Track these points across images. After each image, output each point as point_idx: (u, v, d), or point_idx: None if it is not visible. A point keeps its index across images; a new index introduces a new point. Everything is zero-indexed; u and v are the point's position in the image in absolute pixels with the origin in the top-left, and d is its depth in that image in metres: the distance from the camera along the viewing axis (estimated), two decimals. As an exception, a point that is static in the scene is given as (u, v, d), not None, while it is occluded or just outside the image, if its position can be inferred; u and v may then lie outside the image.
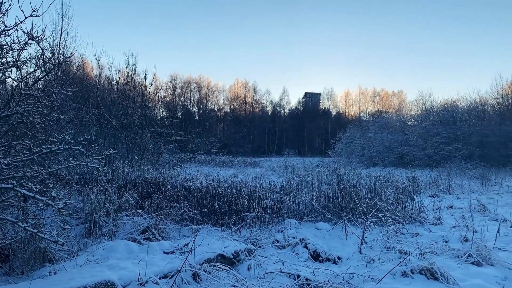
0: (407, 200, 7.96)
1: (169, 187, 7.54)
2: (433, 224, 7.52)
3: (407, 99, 75.03)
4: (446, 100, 34.97)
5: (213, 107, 78.60)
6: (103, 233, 5.70)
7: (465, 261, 4.99)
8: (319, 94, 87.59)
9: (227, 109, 79.36)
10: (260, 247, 5.65)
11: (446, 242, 6.03)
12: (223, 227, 6.63)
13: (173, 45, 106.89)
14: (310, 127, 76.10)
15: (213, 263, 4.35)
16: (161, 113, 63.01)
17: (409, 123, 34.48)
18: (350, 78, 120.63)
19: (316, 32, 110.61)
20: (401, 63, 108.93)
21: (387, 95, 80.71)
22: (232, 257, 4.77)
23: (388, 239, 5.99)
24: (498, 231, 6.38)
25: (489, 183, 14.84)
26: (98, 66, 20.44)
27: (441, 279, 4.24)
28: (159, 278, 4.00)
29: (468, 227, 6.72)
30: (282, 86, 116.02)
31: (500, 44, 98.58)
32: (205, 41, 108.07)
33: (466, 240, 5.97)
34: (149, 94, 17.46)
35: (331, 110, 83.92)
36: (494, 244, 5.97)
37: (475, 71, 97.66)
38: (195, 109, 76.69)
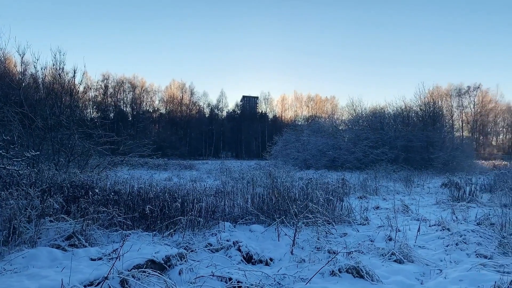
0: (337, 202, 8.25)
1: (97, 191, 7.19)
2: (360, 224, 7.86)
3: (339, 104, 78.24)
4: (375, 106, 37.00)
5: (148, 108, 76.69)
6: (24, 241, 5.30)
7: (389, 259, 5.27)
8: (257, 97, 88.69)
9: (163, 111, 77.79)
10: (192, 251, 5.56)
11: (372, 241, 6.33)
12: (154, 232, 6.45)
13: (105, 44, 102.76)
14: (247, 130, 76.76)
15: (143, 269, 4.20)
16: (91, 113, 60.22)
17: (340, 128, 35.97)
18: (286, 83, 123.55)
19: (253, 36, 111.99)
20: (334, 70, 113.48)
21: (321, 100, 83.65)
22: (163, 262, 4.64)
23: (318, 239, 6.16)
24: (418, 230, 6.83)
25: (412, 185, 15.84)
26: (22, 62, 19.04)
27: (366, 277, 4.43)
28: (84, 286, 3.79)
29: (392, 227, 7.10)
30: (220, 88, 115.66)
31: (423, 54, 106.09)
32: (139, 40, 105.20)
33: (390, 239, 6.31)
34: (78, 93, 16.57)
35: (268, 114, 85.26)
36: (415, 242, 6.37)
37: (401, 80, 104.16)
38: (129, 110, 74.30)
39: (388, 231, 6.87)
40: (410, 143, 29.83)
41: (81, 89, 17.18)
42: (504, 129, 76.17)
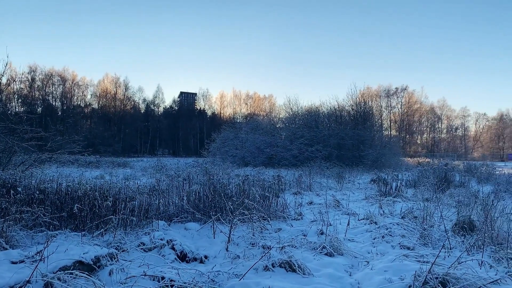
0: (272, 198, 8.40)
1: (20, 189, 6.72)
2: (295, 219, 8.07)
3: (277, 103, 79.66)
4: (310, 105, 38.09)
5: (79, 102, 72.98)
6: None
7: (320, 252, 5.46)
8: (195, 94, 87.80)
9: (95, 106, 74.43)
10: (124, 251, 5.38)
11: (305, 235, 6.52)
12: (84, 232, 6.15)
13: (33, 35, 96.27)
14: (185, 127, 75.70)
15: (70, 271, 3.99)
16: (16, 107, 56.19)
17: (278, 126, 36.68)
18: (225, 80, 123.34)
19: (191, 32, 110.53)
20: (272, 69, 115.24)
21: (259, 98, 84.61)
22: (92, 263, 4.44)
23: (253, 235, 6.23)
24: (348, 224, 7.15)
25: (344, 181, 16.53)
26: None
27: (298, 270, 4.56)
28: (3, 292, 3.53)
29: (324, 221, 7.36)
30: (156, 84, 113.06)
31: (356, 56, 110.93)
32: (71, 32, 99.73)
33: (322, 233, 6.53)
34: (0, 85, 15.38)
35: (206, 111, 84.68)
36: (345, 235, 6.66)
37: (335, 80, 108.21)
38: (58, 104, 70.26)
39: (320, 225, 7.11)
40: (342, 141, 31.11)
41: (3, 80, 15.97)
42: (427, 129, 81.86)
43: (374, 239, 6.46)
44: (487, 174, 18.90)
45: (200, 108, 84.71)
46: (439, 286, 3.72)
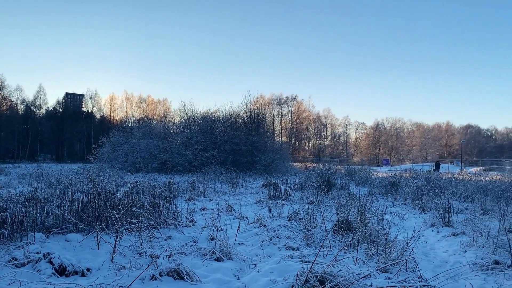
0: (163, 205, 8.21)
1: None
2: (186, 226, 7.97)
3: (172, 107, 78.27)
4: (206, 111, 38.17)
5: None
6: None
7: (210, 258, 5.47)
8: (82, 95, 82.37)
9: (-38, 105, 65.45)
10: (-10, 269, 4.79)
11: (195, 242, 6.48)
12: None
13: None
14: (71, 130, 70.41)
15: None
16: None
17: (172, 131, 36.03)
18: (116, 83, 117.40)
19: (78, 32, 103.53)
20: (167, 72, 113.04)
21: (153, 102, 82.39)
22: None
23: (141, 244, 6.01)
24: (238, 228, 7.29)
25: (237, 186, 16.85)
26: None
27: (186, 278, 4.51)
28: None
29: (216, 227, 7.39)
30: (37, 83, 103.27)
31: (251, 64, 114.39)
32: None
33: (213, 239, 6.55)
34: None
35: (95, 114, 79.72)
36: (235, 240, 6.78)
37: (230, 87, 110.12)
38: None
39: (211, 231, 7.13)
40: (237, 146, 31.73)
41: None
42: (314, 135, 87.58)
43: (262, 241, 6.68)
44: (364, 178, 20.82)
45: (88, 110, 79.51)
46: (317, 284, 3.97)
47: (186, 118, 36.23)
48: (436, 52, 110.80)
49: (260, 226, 7.83)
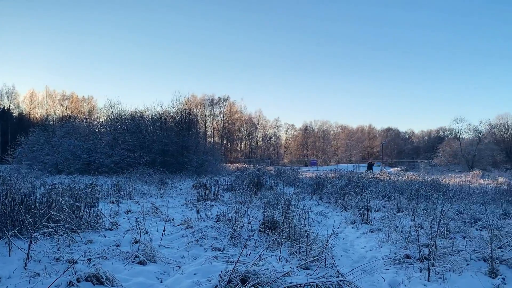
0: (85, 208, 7.84)
1: None
2: (109, 229, 7.67)
3: (98, 105, 74.65)
4: (134, 110, 36.87)
5: None
6: None
7: (132, 261, 5.32)
8: (-3, 91, 75.62)
9: None
10: None
11: (118, 246, 6.27)
12: None
13: None
14: (-18, 128, 64.50)
15: None
16: None
17: (97, 130, 34.38)
18: (36, 78, 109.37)
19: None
20: (93, 68, 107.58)
21: (78, 99, 78.12)
22: None
23: (59, 249, 5.69)
24: (164, 231, 7.17)
25: (166, 187, 16.52)
26: None
27: (107, 282, 4.36)
28: None
29: (141, 229, 7.21)
30: None
31: (182, 63, 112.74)
32: None
33: (137, 242, 6.37)
34: None
35: (12, 111, 73.78)
36: (160, 242, 6.66)
37: (160, 85, 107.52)
38: None
39: (136, 234, 6.94)
40: (167, 147, 31.07)
41: None
42: (246, 137, 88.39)
43: (188, 243, 6.63)
44: (293, 178, 21.44)
45: (4, 107, 73.39)
46: (239, 283, 4.03)
47: (112, 117, 34.76)
48: (361, 57, 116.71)
49: (187, 228, 7.75)
